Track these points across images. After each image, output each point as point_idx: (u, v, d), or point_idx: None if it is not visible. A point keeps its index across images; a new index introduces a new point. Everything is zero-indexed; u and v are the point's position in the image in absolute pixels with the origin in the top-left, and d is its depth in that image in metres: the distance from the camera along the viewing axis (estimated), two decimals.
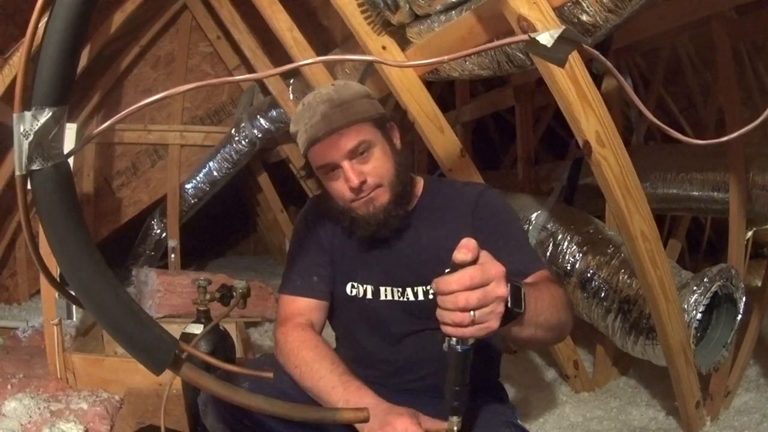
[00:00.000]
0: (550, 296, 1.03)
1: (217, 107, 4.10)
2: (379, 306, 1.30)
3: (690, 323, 1.78)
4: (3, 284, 3.64)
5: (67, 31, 0.62)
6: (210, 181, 3.97)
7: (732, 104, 2.21)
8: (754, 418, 2.06)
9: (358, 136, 1.19)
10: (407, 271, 1.27)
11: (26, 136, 0.62)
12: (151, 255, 4.12)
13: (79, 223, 0.70)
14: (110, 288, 0.73)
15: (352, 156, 1.19)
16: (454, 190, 1.34)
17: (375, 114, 1.23)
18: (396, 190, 1.23)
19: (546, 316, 1.00)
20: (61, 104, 0.64)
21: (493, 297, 0.84)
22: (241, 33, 3.41)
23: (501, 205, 1.31)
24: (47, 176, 0.65)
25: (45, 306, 2.10)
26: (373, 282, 1.31)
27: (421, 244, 1.27)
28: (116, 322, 0.75)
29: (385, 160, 1.22)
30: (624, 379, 2.52)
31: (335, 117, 1.18)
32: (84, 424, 1.82)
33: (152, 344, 0.77)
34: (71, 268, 0.71)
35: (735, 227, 2.18)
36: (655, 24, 2.15)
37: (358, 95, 1.23)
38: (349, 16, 1.90)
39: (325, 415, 0.85)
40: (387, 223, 1.23)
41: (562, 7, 1.37)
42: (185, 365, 0.80)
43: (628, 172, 1.51)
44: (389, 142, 1.25)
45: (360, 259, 1.32)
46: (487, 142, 5.39)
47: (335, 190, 1.24)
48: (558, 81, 1.38)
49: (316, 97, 1.23)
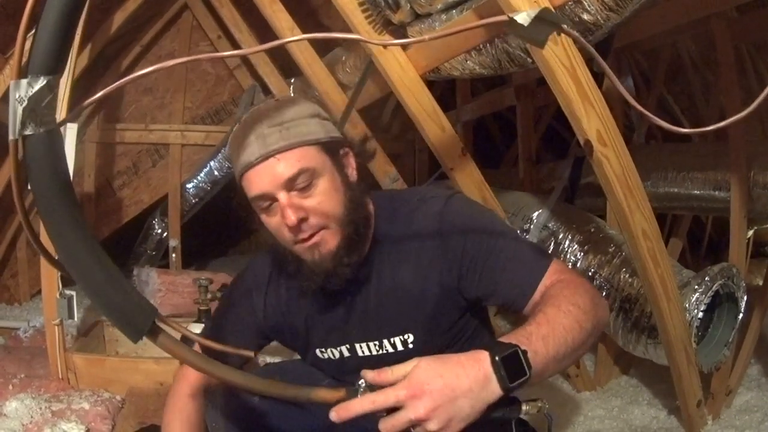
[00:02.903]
0: (564, 314, 0.88)
1: (218, 107, 4.09)
2: (358, 363, 1.13)
3: (691, 322, 1.78)
4: (4, 284, 3.64)
5: (64, 4, 0.66)
6: (211, 180, 3.96)
7: (733, 103, 2.21)
8: (756, 417, 2.06)
9: (299, 163, 0.98)
10: (379, 323, 1.12)
11: (21, 102, 0.65)
12: (152, 254, 4.12)
13: (67, 189, 0.73)
14: (93, 253, 0.75)
15: (290, 187, 0.98)
16: (410, 212, 1.11)
17: (324, 137, 1.03)
18: (346, 232, 1.02)
19: (565, 343, 0.86)
20: (55, 73, 0.67)
21: (403, 421, 0.76)
22: (242, 32, 3.41)
23: (467, 217, 1.09)
24: (39, 141, 0.68)
25: (46, 306, 2.10)
26: (347, 342, 1.16)
27: (387, 288, 1.10)
28: (97, 287, 0.76)
29: (334, 195, 1.01)
30: (625, 378, 2.51)
31: (272, 138, 0.98)
32: (85, 424, 1.82)
33: (131, 312, 0.77)
34: (57, 232, 0.73)
35: (736, 226, 2.18)
36: (657, 23, 2.15)
37: (305, 113, 1.03)
38: (350, 16, 1.90)
39: (299, 393, 0.84)
40: (337, 273, 1.03)
41: (563, 6, 1.37)
42: (162, 334, 0.80)
43: (629, 171, 1.51)
44: (340, 172, 1.04)
45: (322, 321, 1.16)
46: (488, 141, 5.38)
47: (274, 228, 1.03)
48: (559, 80, 1.37)
49: (253, 113, 1.03)
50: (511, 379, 0.78)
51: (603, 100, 1.44)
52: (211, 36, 3.86)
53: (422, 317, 1.11)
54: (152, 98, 3.94)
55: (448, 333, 1.14)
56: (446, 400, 0.76)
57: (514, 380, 0.79)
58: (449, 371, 0.77)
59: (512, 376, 0.78)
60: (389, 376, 0.79)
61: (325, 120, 1.06)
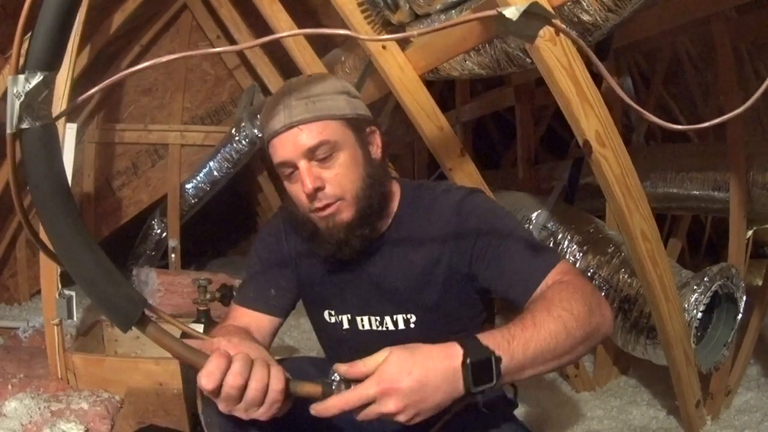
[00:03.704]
0: (553, 319, 0.87)
1: (217, 107, 4.10)
2: (359, 336, 1.18)
3: (690, 322, 1.78)
4: (3, 284, 3.64)
5: (60, 2, 0.68)
6: (210, 180, 3.96)
7: (732, 104, 2.21)
8: (755, 417, 2.06)
9: (320, 135, 1.03)
10: (384, 299, 1.14)
11: (18, 97, 0.67)
12: (151, 255, 4.12)
13: (62, 182, 0.75)
14: (85, 243, 0.77)
15: (310, 156, 1.04)
16: (432, 200, 1.15)
17: (350, 113, 1.08)
18: (361, 205, 1.06)
19: (547, 349, 0.85)
20: (51, 69, 0.69)
21: (374, 414, 0.80)
22: (241, 33, 3.41)
23: (486, 210, 1.11)
24: (35, 135, 0.70)
25: (45, 306, 2.10)
26: (349, 311, 1.18)
27: (397, 266, 1.13)
28: (88, 276, 0.77)
29: (353, 169, 1.06)
30: (624, 378, 2.52)
31: (298, 109, 1.04)
32: (84, 424, 1.82)
33: (121, 302, 0.79)
34: (50, 223, 0.75)
35: (735, 226, 2.18)
36: (656, 23, 2.15)
37: (334, 89, 1.08)
38: (349, 16, 1.90)
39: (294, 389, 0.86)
40: (349, 244, 1.07)
41: (562, 6, 1.37)
42: (151, 324, 0.82)
43: (628, 172, 1.51)
44: (363, 148, 1.09)
45: (331, 283, 1.18)
46: (487, 141, 5.38)
47: (294, 194, 1.09)
48: (558, 80, 1.37)
49: (284, 87, 1.10)
50: (476, 383, 0.80)
51: (602, 100, 1.44)
52: (211, 36, 3.86)
53: (427, 300, 1.12)
54: (151, 98, 3.94)
55: (451, 321, 1.14)
56: (414, 396, 0.79)
57: (479, 385, 0.80)
58: (419, 366, 0.80)
59: (478, 381, 0.80)
60: (361, 368, 0.82)
61: (355, 98, 1.11)
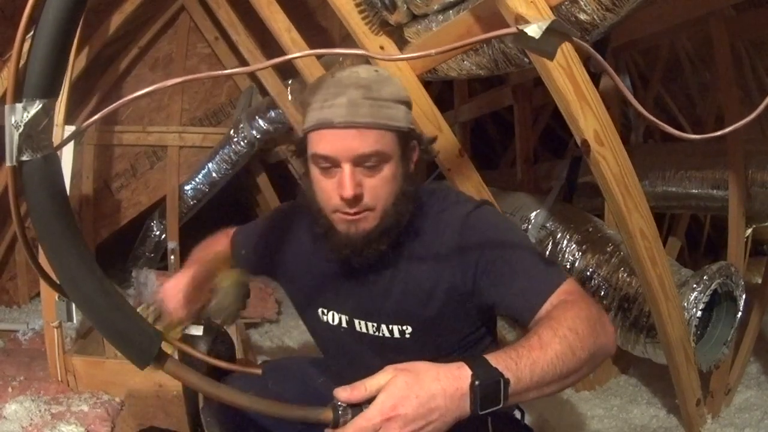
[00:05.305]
0: (559, 340, 0.85)
1: (215, 108, 4.10)
2: (355, 337, 1.17)
3: (690, 321, 1.78)
4: (3, 287, 3.64)
5: (58, 25, 0.65)
6: (209, 182, 3.97)
7: (731, 102, 2.21)
8: (755, 415, 2.07)
9: (377, 144, 0.99)
10: (383, 307, 1.12)
11: (17, 127, 0.64)
12: (150, 257, 4.12)
13: (67, 214, 0.71)
14: (95, 279, 0.73)
15: (358, 162, 0.99)
16: (440, 211, 1.12)
17: (404, 126, 1.04)
18: (386, 220, 1.04)
19: (553, 371, 0.83)
20: (51, 96, 0.66)
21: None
22: (239, 34, 3.41)
23: (492, 225, 1.09)
24: (36, 167, 0.67)
25: (45, 308, 2.10)
26: (347, 312, 1.17)
27: (400, 277, 1.11)
28: (101, 313, 0.74)
29: (392, 183, 1.03)
30: (624, 377, 2.52)
31: (363, 110, 0.98)
32: (85, 426, 1.82)
33: (136, 337, 0.76)
34: (57, 259, 0.71)
35: (734, 225, 2.18)
36: (654, 22, 2.15)
37: (398, 97, 1.04)
38: (347, 17, 1.90)
39: (298, 414, 0.84)
40: (362, 254, 1.05)
41: (560, 6, 1.37)
42: (169, 360, 0.79)
43: (626, 171, 1.51)
44: (404, 163, 1.06)
45: (330, 282, 1.17)
46: (486, 141, 5.38)
47: (323, 189, 1.04)
48: (556, 80, 1.37)
49: (351, 76, 1.02)
50: (483, 406, 0.78)
51: (600, 100, 1.44)
52: (209, 37, 3.86)
53: (425, 314, 1.11)
54: (150, 100, 3.94)
55: (447, 334, 1.14)
56: (420, 422, 0.77)
57: (485, 407, 0.78)
58: (424, 390, 0.77)
59: (485, 404, 0.78)
60: (363, 393, 0.79)
61: (410, 110, 1.08)
